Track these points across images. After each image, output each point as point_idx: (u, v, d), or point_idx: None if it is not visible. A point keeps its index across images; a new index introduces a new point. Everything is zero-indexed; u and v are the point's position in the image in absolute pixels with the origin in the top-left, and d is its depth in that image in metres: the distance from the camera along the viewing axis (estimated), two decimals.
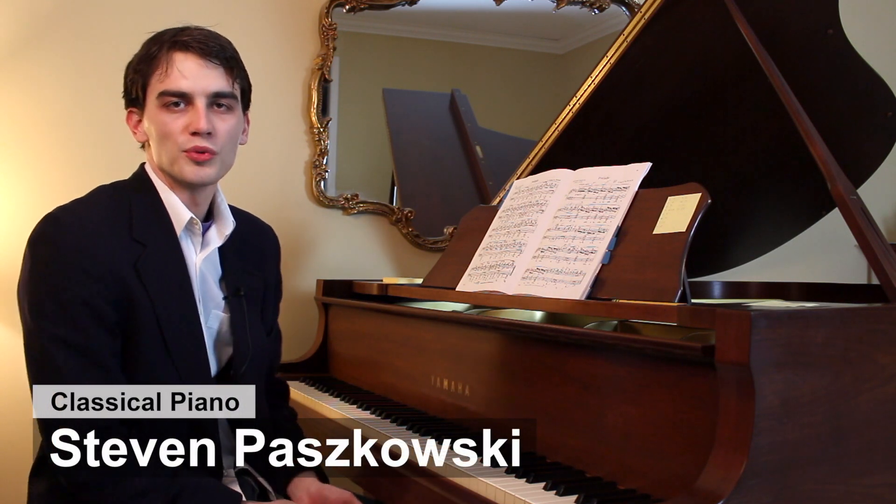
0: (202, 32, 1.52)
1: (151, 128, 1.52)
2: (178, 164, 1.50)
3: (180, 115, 1.48)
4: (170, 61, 1.48)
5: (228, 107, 1.52)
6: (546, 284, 1.63)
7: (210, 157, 1.50)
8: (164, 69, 1.48)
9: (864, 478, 1.29)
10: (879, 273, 1.49)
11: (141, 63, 1.51)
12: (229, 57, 1.52)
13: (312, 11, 2.79)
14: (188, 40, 1.49)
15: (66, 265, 1.41)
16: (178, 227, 1.53)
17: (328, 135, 2.80)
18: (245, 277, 1.64)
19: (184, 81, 1.47)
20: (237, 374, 1.58)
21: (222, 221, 1.60)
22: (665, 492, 1.29)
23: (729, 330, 1.19)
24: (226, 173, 1.58)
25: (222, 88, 1.51)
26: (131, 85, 1.53)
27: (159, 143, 1.51)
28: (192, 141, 1.48)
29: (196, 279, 1.55)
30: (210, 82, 1.49)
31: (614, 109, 2.14)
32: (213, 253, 1.60)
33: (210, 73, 1.49)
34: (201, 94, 1.48)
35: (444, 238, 2.90)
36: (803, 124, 1.62)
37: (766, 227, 2.41)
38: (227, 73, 1.52)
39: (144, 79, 1.50)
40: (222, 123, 1.51)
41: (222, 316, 1.60)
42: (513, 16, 2.98)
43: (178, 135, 1.48)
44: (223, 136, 1.51)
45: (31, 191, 2.52)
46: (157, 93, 1.49)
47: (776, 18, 1.89)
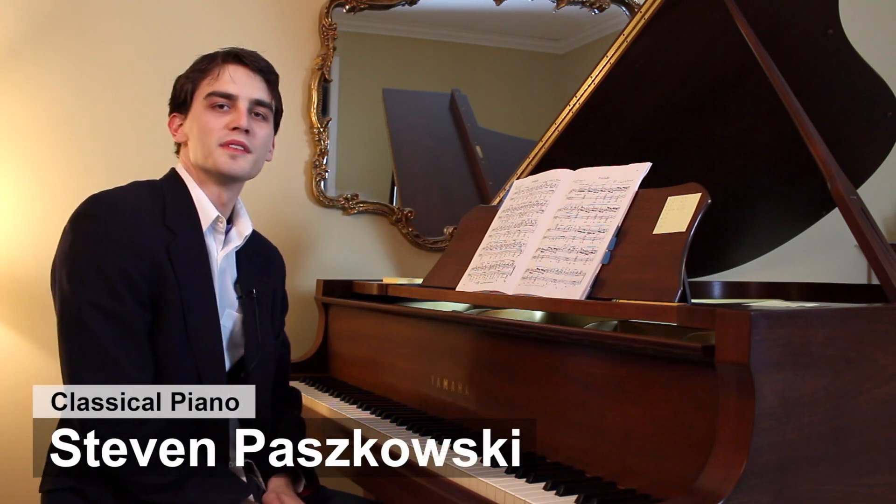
0: (252, 52, 1.70)
1: (194, 126, 1.64)
2: (213, 155, 1.62)
3: (224, 115, 1.63)
4: (223, 69, 1.65)
5: (265, 117, 1.68)
6: (546, 284, 1.63)
7: (244, 153, 1.64)
8: (216, 75, 1.64)
9: (864, 478, 1.29)
10: (879, 273, 1.49)
11: (194, 72, 1.67)
12: (273, 76, 1.71)
13: (312, 11, 2.79)
14: (241, 55, 1.67)
15: (107, 238, 1.51)
16: (204, 222, 1.63)
17: (328, 135, 2.80)
18: (257, 281, 1.73)
19: (232, 85, 1.64)
20: (248, 371, 1.65)
21: (242, 223, 1.72)
22: (665, 492, 1.29)
23: (729, 330, 1.19)
24: (251, 178, 1.69)
25: (263, 98, 1.67)
26: (180, 90, 1.68)
27: (199, 139, 1.63)
28: (231, 135, 1.62)
29: (216, 274, 1.64)
30: (254, 90, 1.66)
31: (614, 109, 2.14)
32: (231, 254, 1.69)
33: (255, 82, 1.66)
34: (245, 98, 1.64)
35: (444, 238, 2.90)
36: (803, 124, 1.62)
37: (766, 227, 2.41)
38: (269, 87, 1.69)
39: (194, 84, 1.65)
40: (259, 128, 1.66)
41: (236, 316, 1.68)
42: (513, 16, 2.98)
43: (219, 130, 1.62)
44: (258, 139, 1.66)
45: (31, 191, 2.52)
46: (205, 94, 1.63)
47: (776, 18, 1.89)
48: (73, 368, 1.45)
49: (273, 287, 1.80)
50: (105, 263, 1.48)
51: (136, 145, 2.57)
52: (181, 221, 1.60)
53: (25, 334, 2.46)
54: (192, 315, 1.55)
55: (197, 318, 1.56)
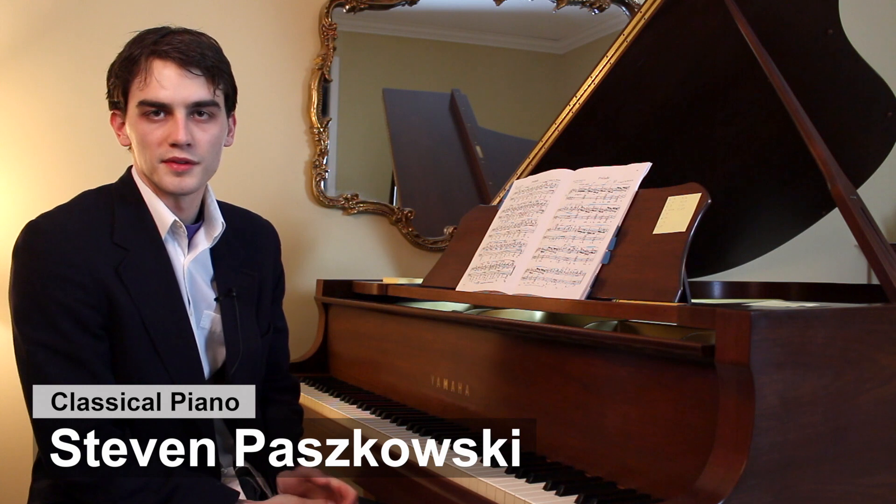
0: (183, 39, 1.49)
1: (133, 134, 1.51)
2: (157, 173, 1.49)
3: (160, 124, 1.47)
4: (149, 69, 1.46)
5: (210, 114, 1.50)
6: (546, 284, 1.63)
7: (189, 168, 1.49)
8: (144, 77, 1.46)
9: (864, 478, 1.29)
10: (879, 273, 1.49)
11: (121, 68, 1.50)
12: (210, 66, 1.49)
13: (312, 11, 2.79)
14: (168, 49, 1.46)
15: (45, 272, 1.42)
16: (162, 230, 1.53)
17: (328, 135, 2.80)
18: (237, 277, 1.64)
19: (163, 92, 1.45)
20: (228, 375, 1.57)
21: (211, 224, 1.59)
22: (665, 492, 1.29)
23: (729, 330, 1.19)
24: (210, 178, 1.57)
25: (202, 98, 1.48)
26: (113, 88, 1.52)
27: (140, 151, 1.50)
28: (172, 152, 1.47)
29: (184, 281, 1.55)
30: (190, 92, 1.46)
31: (614, 109, 2.14)
32: (204, 254, 1.59)
33: (190, 82, 1.46)
34: (181, 104, 1.46)
35: (444, 238, 2.90)
36: (803, 124, 1.62)
37: (766, 227, 2.41)
38: (209, 82, 1.49)
39: (125, 84, 1.49)
40: (203, 133, 1.49)
41: (214, 316, 1.59)
42: (513, 16, 2.98)
43: (156, 145, 1.47)
44: (204, 146, 1.50)
45: (31, 191, 2.52)
46: (136, 101, 1.47)
47: (776, 18, 1.89)
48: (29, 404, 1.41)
49: (260, 278, 1.68)
50: (46, 300, 1.41)
51: None
52: (133, 235, 1.49)
53: None
54: (157, 332, 1.47)
55: (164, 333, 1.48)
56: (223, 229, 1.59)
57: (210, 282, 1.60)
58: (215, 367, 1.60)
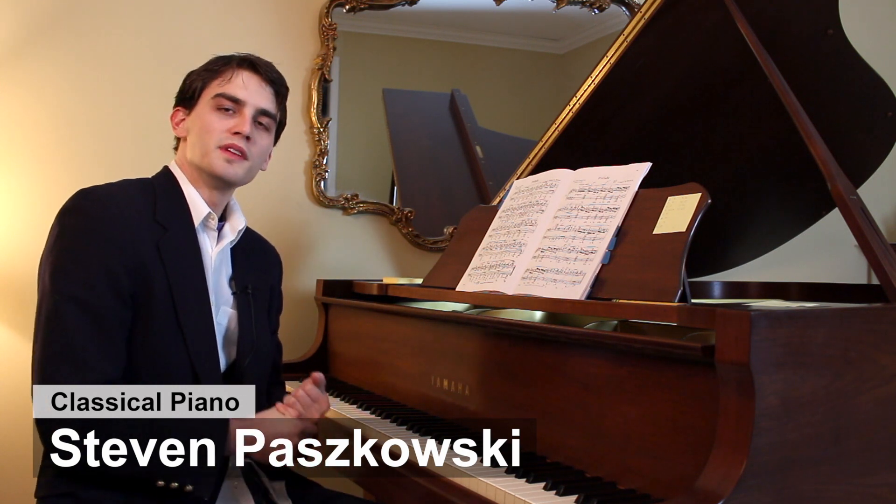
0: (268, 63, 1.72)
1: (196, 123, 1.65)
2: (210, 156, 1.63)
3: (228, 117, 1.64)
4: (235, 73, 1.66)
5: (267, 127, 1.70)
6: (546, 284, 1.63)
7: (241, 160, 1.64)
8: (229, 78, 1.65)
9: (865, 478, 1.29)
10: (879, 273, 1.49)
11: (206, 71, 1.68)
12: (283, 88, 1.72)
13: (312, 11, 2.79)
14: (257, 63, 1.69)
15: (91, 232, 1.51)
16: (196, 219, 1.64)
17: (328, 135, 2.80)
18: (253, 277, 1.74)
19: (242, 91, 1.65)
20: (241, 366, 1.65)
21: (235, 218, 1.72)
22: (665, 492, 1.29)
23: (729, 330, 1.19)
24: (243, 184, 1.69)
25: (269, 108, 1.69)
26: (190, 85, 1.68)
27: (199, 137, 1.64)
28: (232, 139, 1.63)
29: (210, 271, 1.64)
30: (262, 99, 1.67)
31: (614, 109, 2.14)
32: (226, 251, 1.70)
33: (265, 92, 1.68)
34: (252, 105, 1.65)
35: (444, 238, 2.90)
36: (803, 124, 1.62)
37: (766, 227, 2.41)
38: (277, 99, 1.71)
39: (205, 82, 1.66)
40: (260, 138, 1.68)
41: (231, 312, 1.68)
42: (513, 16, 2.98)
43: (220, 132, 1.63)
44: (257, 148, 1.67)
45: (32, 190, 2.52)
46: (213, 94, 1.64)
47: (776, 19, 1.89)
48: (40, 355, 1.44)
49: (270, 284, 1.81)
50: (87, 257, 1.49)
51: (137, 143, 2.57)
52: (172, 216, 1.60)
53: (25, 334, 2.46)
54: (184, 311, 1.55)
55: (190, 314, 1.56)
56: (245, 224, 1.73)
57: (229, 280, 1.70)
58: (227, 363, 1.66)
